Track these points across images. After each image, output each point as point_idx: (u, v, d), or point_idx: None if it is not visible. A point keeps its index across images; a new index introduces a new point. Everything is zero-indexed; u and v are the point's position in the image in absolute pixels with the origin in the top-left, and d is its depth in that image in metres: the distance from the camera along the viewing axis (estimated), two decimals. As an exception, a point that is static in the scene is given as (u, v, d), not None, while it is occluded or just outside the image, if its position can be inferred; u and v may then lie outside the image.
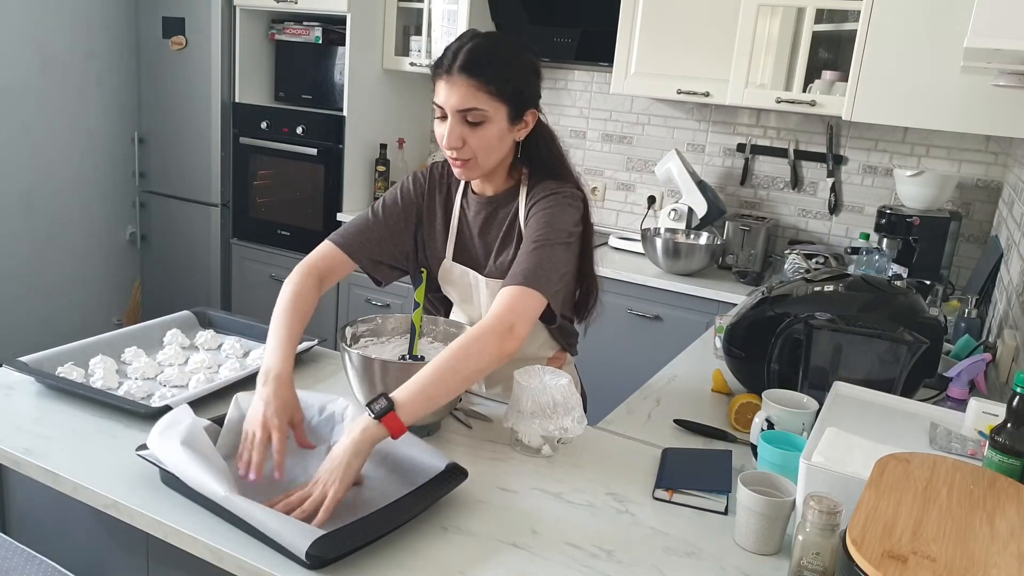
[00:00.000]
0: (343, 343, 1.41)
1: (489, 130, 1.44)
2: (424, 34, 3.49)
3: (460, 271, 1.61)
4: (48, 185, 3.64)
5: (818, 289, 1.71)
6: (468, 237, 1.61)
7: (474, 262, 1.61)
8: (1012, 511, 0.95)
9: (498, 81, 1.41)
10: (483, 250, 1.60)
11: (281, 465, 1.20)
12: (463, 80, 1.40)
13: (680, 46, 2.96)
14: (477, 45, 1.42)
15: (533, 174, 1.56)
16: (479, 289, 1.60)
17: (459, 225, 1.61)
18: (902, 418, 1.35)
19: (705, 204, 3.07)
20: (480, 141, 1.44)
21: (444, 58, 1.43)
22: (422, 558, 1.08)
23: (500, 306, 1.34)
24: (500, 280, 1.47)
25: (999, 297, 2.35)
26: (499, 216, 1.58)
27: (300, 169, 3.61)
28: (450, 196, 1.63)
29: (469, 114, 1.42)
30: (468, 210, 1.61)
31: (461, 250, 1.62)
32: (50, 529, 1.39)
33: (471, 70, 1.40)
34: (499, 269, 1.55)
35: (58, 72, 3.59)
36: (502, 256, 1.56)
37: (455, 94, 1.41)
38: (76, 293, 3.86)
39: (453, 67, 1.41)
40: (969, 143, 2.89)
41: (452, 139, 1.43)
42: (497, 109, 1.43)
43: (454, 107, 1.42)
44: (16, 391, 1.47)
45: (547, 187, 1.52)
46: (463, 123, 1.43)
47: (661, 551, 1.15)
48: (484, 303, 1.60)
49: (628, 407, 1.71)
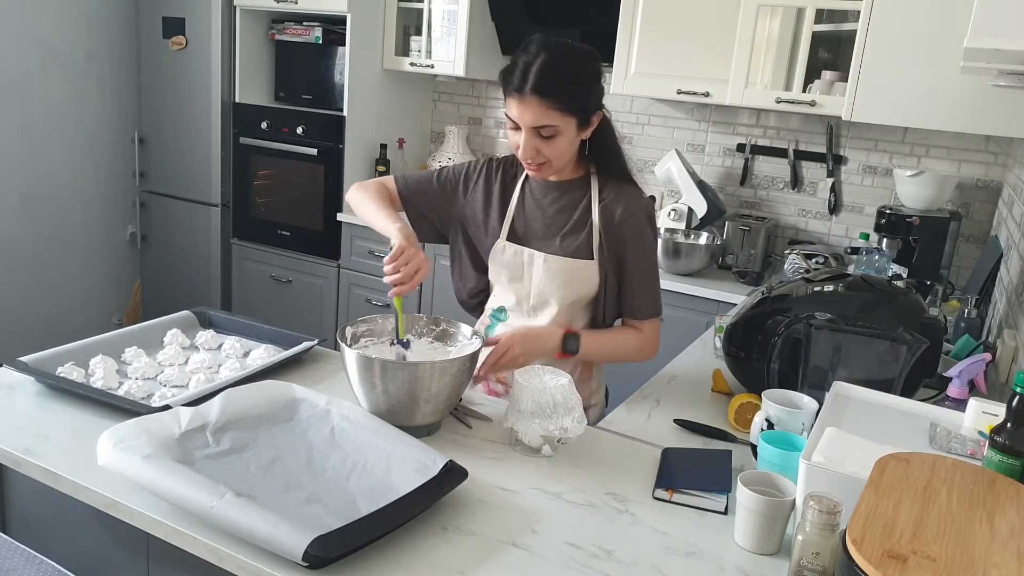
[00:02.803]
0: (343, 343, 1.41)
1: (561, 141, 1.56)
2: (424, 34, 3.49)
3: (514, 250, 1.70)
4: (48, 185, 3.65)
5: (818, 289, 1.72)
6: (530, 218, 1.71)
7: (528, 241, 1.70)
8: (1012, 511, 0.95)
9: (569, 99, 1.53)
10: (547, 231, 1.69)
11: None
12: (536, 100, 1.51)
13: (680, 46, 2.96)
14: (547, 64, 1.50)
15: (600, 168, 1.69)
16: (533, 266, 1.69)
17: (518, 207, 1.72)
18: (902, 418, 1.35)
19: (705, 204, 3.07)
20: (554, 151, 1.57)
21: (514, 75, 1.52)
22: (422, 558, 1.08)
23: (650, 339, 1.71)
24: (562, 258, 1.66)
25: (999, 297, 2.35)
26: (570, 202, 1.68)
27: (300, 169, 3.61)
28: (513, 182, 1.74)
29: (543, 130, 1.54)
30: (533, 193, 1.71)
31: (515, 231, 1.72)
32: (50, 529, 1.39)
33: (543, 91, 1.50)
34: (564, 250, 1.67)
35: (58, 72, 3.59)
36: (569, 239, 1.67)
37: (528, 113, 1.52)
38: (76, 293, 3.86)
39: (525, 88, 1.50)
40: (969, 143, 2.89)
41: (528, 152, 1.57)
42: (568, 122, 1.55)
43: (528, 124, 1.53)
44: (16, 391, 1.47)
45: (629, 198, 1.66)
46: (537, 136, 1.55)
47: (661, 551, 1.15)
48: (536, 279, 1.69)
49: (628, 407, 1.71)
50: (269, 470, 1.21)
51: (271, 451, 1.26)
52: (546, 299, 1.68)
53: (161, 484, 1.10)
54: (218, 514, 1.06)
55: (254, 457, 1.24)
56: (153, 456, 1.14)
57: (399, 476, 1.21)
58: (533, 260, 1.68)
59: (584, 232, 1.66)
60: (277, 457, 1.25)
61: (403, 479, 1.19)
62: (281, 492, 1.17)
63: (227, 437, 1.26)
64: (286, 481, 1.20)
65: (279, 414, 1.35)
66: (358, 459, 1.25)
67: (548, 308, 1.68)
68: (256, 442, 1.27)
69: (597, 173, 1.69)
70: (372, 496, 1.16)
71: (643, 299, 1.69)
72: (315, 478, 1.21)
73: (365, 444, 1.28)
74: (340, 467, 1.24)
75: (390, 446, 1.26)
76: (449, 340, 1.56)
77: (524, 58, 1.52)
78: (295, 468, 1.23)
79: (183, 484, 1.10)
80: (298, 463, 1.25)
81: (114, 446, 1.15)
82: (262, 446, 1.27)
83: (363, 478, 1.22)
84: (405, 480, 1.19)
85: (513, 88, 1.52)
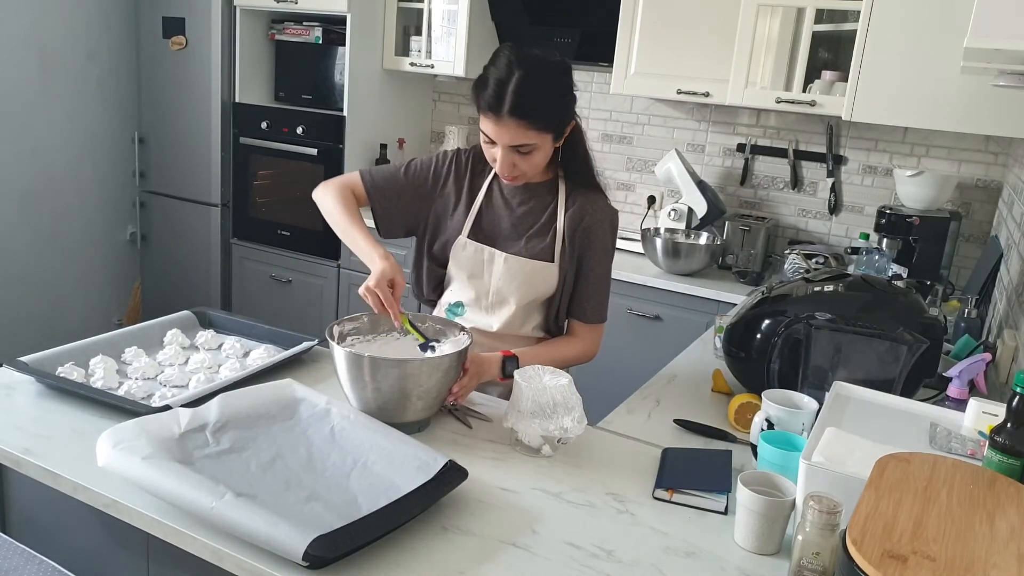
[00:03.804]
0: (331, 340, 1.41)
1: (538, 155, 1.58)
2: (424, 34, 3.49)
3: (475, 248, 1.70)
4: (48, 185, 3.64)
5: (818, 289, 1.72)
6: (497, 217, 1.71)
7: (492, 240, 1.70)
8: (1012, 511, 0.95)
9: (546, 119, 1.54)
10: (513, 231, 1.70)
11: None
12: (513, 122, 1.51)
13: (680, 46, 2.96)
14: (522, 85, 1.49)
15: (568, 173, 1.70)
16: (494, 264, 1.69)
17: (483, 205, 1.71)
18: (902, 418, 1.35)
19: (705, 204, 3.07)
20: (530, 165, 1.59)
21: (489, 95, 1.51)
22: (422, 558, 1.08)
23: (592, 344, 1.73)
24: (524, 259, 1.67)
25: (999, 297, 2.35)
26: (537, 204, 1.69)
27: (300, 169, 3.61)
28: (480, 178, 1.73)
29: (521, 147, 1.55)
30: (502, 192, 1.71)
31: (479, 229, 1.71)
32: (50, 529, 1.39)
33: (520, 113, 1.50)
34: (529, 251, 1.68)
35: (58, 72, 3.59)
36: (534, 241, 1.69)
37: (505, 134, 1.53)
38: (76, 293, 3.86)
39: (502, 110, 1.50)
40: (969, 143, 2.89)
41: (505, 167, 1.58)
42: (544, 139, 1.56)
43: (505, 144, 1.54)
44: (16, 391, 1.47)
45: (596, 206, 1.68)
46: (514, 153, 1.56)
47: (661, 551, 1.15)
48: (496, 277, 1.69)
49: (628, 407, 1.71)
50: (269, 469, 1.21)
51: (271, 450, 1.26)
52: (504, 297, 1.69)
53: (161, 485, 1.10)
54: (218, 515, 1.06)
55: (254, 456, 1.24)
56: (153, 457, 1.14)
57: (400, 474, 1.21)
58: (494, 259, 1.69)
59: (549, 235, 1.68)
60: (277, 456, 1.25)
61: (404, 477, 1.19)
62: (282, 490, 1.17)
63: (227, 436, 1.26)
64: (286, 479, 1.20)
65: (279, 413, 1.35)
66: (358, 457, 1.25)
67: (506, 306, 1.70)
68: (256, 441, 1.27)
69: (565, 178, 1.70)
70: (373, 494, 1.16)
71: (592, 304, 1.71)
72: (315, 476, 1.21)
73: (366, 442, 1.28)
74: (340, 465, 1.24)
75: (390, 445, 1.26)
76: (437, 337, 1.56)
77: (496, 75, 1.51)
78: (295, 466, 1.23)
79: (183, 485, 1.09)
80: (298, 461, 1.25)
81: (113, 447, 1.15)
82: (262, 445, 1.27)
83: (364, 476, 1.22)
84: (406, 478, 1.19)
85: (488, 108, 1.51)
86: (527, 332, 1.73)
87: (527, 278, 1.67)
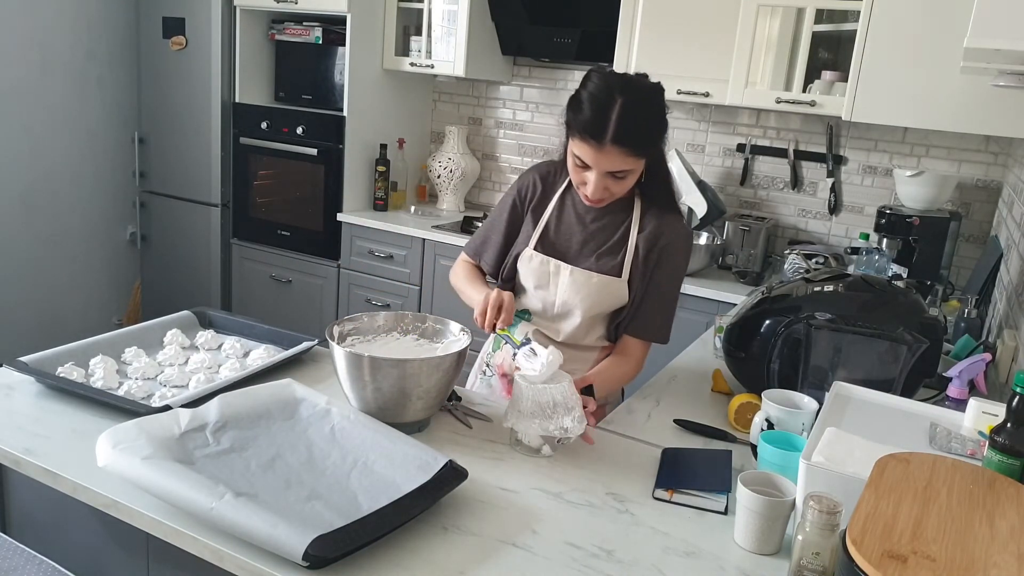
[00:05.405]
0: (331, 340, 1.41)
1: (630, 179, 1.57)
2: (424, 34, 3.49)
3: (540, 260, 1.70)
4: (48, 185, 3.65)
5: (818, 289, 1.71)
6: (569, 231, 1.70)
7: (561, 253, 1.70)
8: (1012, 511, 0.95)
9: (647, 146, 1.53)
10: (584, 247, 1.69)
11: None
12: (615, 150, 1.49)
13: (680, 46, 2.96)
14: (626, 113, 1.47)
15: (645, 191, 1.67)
16: (560, 277, 1.68)
17: (553, 219, 1.72)
18: (902, 418, 1.35)
19: (705, 204, 3.07)
20: (622, 188, 1.58)
21: (589, 120, 1.48)
22: (422, 558, 1.08)
23: (640, 363, 1.70)
24: (591, 272, 1.65)
25: (999, 297, 2.35)
26: (611, 221, 1.68)
27: (300, 169, 3.61)
28: (551, 192, 1.74)
29: (617, 173, 1.53)
30: (576, 206, 1.70)
31: (547, 241, 1.71)
32: (50, 529, 1.39)
33: (623, 141, 1.48)
34: (599, 267, 1.67)
35: (58, 72, 3.59)
36: (605, 259, 1.67)
37: (605, 161, 1.51)
38: (76, 293, 3.86)
39: (604, 138, 1.47)
40: (969, 143, 2.89)
41: (598, 192, 1.56)
42: (640, 163, 1.56)
43: (604, 170, 1.52)
44: (16, 391, 1.47)
45: (673, 227, 1.66)
46: (608, 177, 1.54)
47: (661, 551, 1.15)
48: (562, 289, 1.68)
49: (628, 407, 1.71)
50: (270, 468, 1.21)
51: (271, 449, 1.26)
52: (571, 309, 1.68)
53: (161, 485, 1.10)
54: (218, 515, 1.06)
55: (254, 455, 1.24)
56: (153, 457, 1.14)
57: (400, 473, 1.21)
58: (560, 271, 1.68)
59: (620, 253, 1.66)
60: (277, 455, 1.25)
61: (404, 476, 1.20)
62: (282, 489, 1.17)
63: (227, 436, 1.26)
64: (287, 478, 1.20)
65: (279, 413, 1.35)
66: (359, 456, 1.25)
67: (572, 317, 1.69)
68: (256, 440, 1.27)
69: (641, 196, 1.68)
70: (373, 493, 1.16)
71: (655, 322, 1.68)
72: (316, 475, 1.21)
73: (366, 442, 1.28)
74: (341, 464, 1.24)
75: (391, 444, 1.26)
76: (436, 337, 1.56)
77: (596, 100, 1.48)
78: (296, 465, 1.23)
79: (183, 485, 1.09)
80: (299, 460, 1.25)
81: (113, 447, 1.15)
82: (262, 444, 1.27)
83: (364, 475, 1.22)
84: (406, 477, 1.19)
85: (588, 135, 1.48)
86: (591, 342, 1.72)
87: (593, 291, 1.65)
